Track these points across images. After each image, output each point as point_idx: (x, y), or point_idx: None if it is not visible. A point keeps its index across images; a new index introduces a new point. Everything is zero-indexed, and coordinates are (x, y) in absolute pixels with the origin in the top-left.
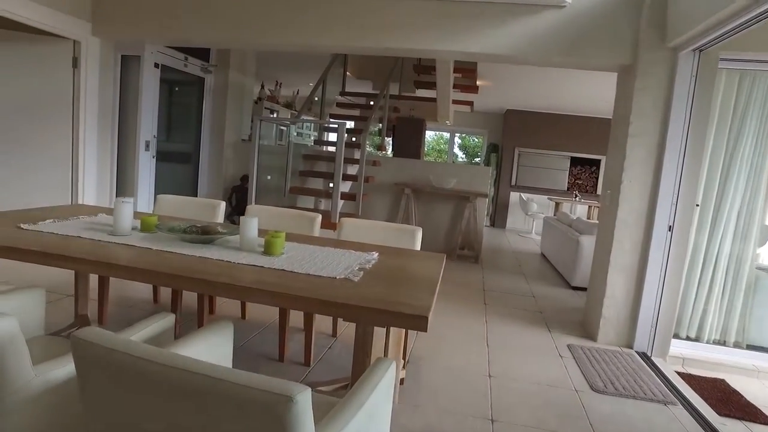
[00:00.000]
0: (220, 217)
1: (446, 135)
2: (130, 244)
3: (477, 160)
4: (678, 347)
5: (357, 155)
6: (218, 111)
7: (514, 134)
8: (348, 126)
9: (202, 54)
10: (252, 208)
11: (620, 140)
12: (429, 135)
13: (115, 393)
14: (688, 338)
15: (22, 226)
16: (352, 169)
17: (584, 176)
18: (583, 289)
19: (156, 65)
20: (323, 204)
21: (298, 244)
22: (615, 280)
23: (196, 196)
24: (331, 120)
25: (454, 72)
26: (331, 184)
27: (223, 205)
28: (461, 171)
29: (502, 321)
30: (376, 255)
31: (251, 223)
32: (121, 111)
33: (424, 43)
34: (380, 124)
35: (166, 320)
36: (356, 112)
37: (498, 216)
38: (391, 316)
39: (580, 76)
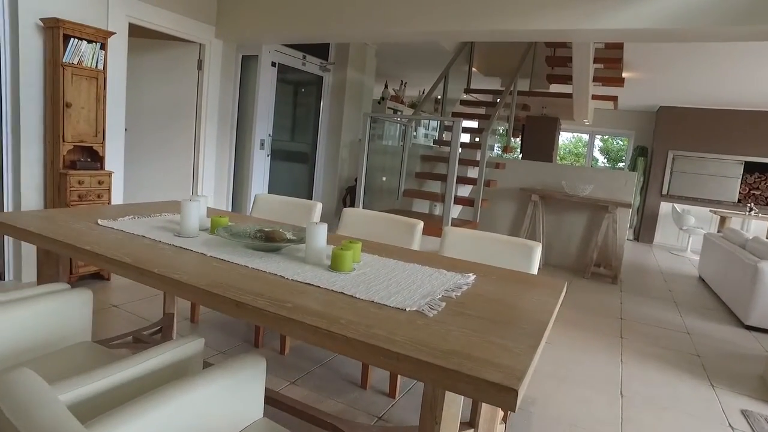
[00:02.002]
0: (316, 220)
1: (585, 137)
2: (186, 248)
3: (621, 165)
4: None
5: (479, 157)
6: (336, 110)
7: (668, 135)
8: (472, 126)
9: (321, 52)
10: (348, 211)
11: None
12: (564, 137)
13: None
14: None
15: (99, 222)
16: (474, 172)
17: (763, 185)
18: (764, 331)
19: (273, 64)
20: (438, 209)
21: (379, 258)
22: None
23: (311, 196)
24: (450, 118)
25: (594, 62)
26: None
27: (319, 206)
28: (600, 176)
29: (643, 363)
30: (472, 278)
31: (319, 231)
32: (239, 110)
33: (553, 23)
34: (507, 124)
35: (195, 344)
36: (481, 111)
37: (644, 229)
38: (463, 382)
39: (758, 56)
